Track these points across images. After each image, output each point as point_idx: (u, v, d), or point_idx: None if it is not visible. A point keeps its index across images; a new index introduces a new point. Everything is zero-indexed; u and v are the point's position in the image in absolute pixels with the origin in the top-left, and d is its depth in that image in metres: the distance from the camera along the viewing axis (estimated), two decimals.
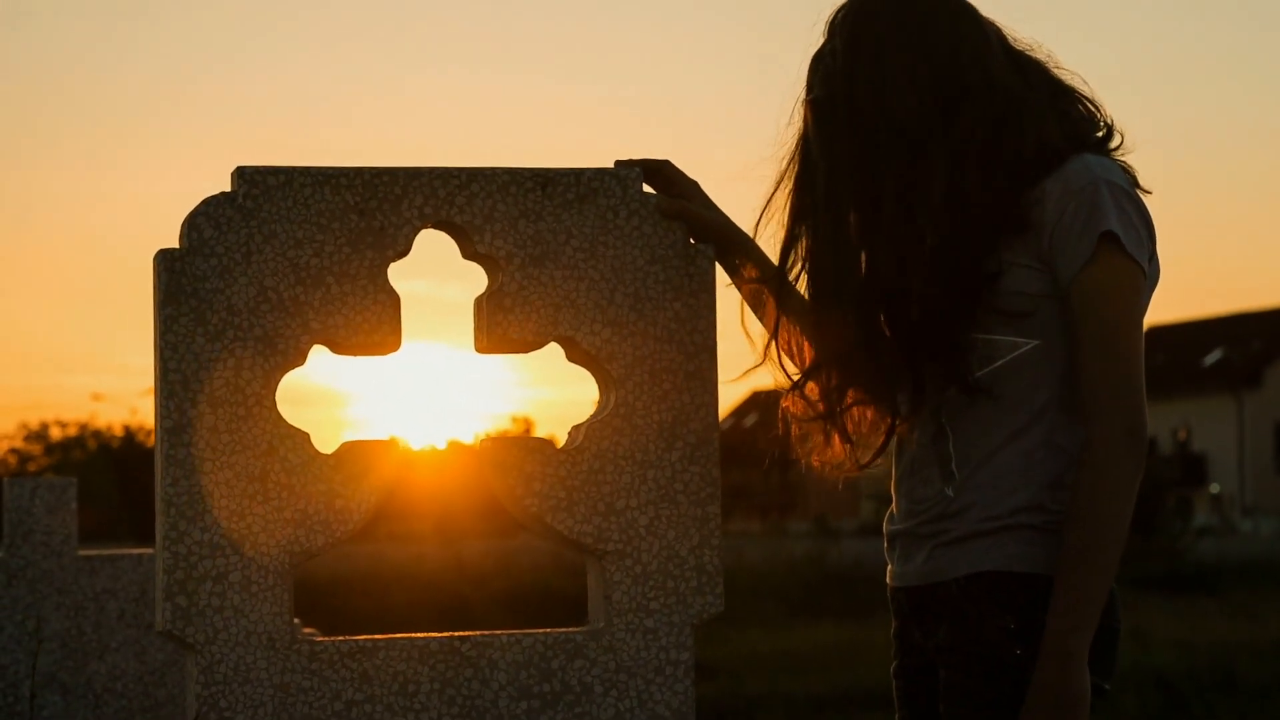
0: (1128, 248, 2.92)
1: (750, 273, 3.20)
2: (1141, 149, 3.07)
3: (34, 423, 61.23)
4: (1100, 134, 3.03)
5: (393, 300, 3.09)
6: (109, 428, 55.68)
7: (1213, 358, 63.60)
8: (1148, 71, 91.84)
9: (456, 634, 3.11)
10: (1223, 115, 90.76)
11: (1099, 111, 3.05)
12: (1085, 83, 3.06)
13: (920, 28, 2.99)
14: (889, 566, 3.12)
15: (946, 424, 3.01)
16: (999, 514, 2.96)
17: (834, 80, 3.01)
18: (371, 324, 3.08)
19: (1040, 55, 3.07)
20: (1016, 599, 2.94)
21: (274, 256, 3.05)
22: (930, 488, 3.03)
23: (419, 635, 3.10)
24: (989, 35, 3.03)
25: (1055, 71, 3.06)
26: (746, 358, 3.18)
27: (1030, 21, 3.02)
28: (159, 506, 3.02)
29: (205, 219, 3.04)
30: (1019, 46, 3.06)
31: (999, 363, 2.97)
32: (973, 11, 3.04)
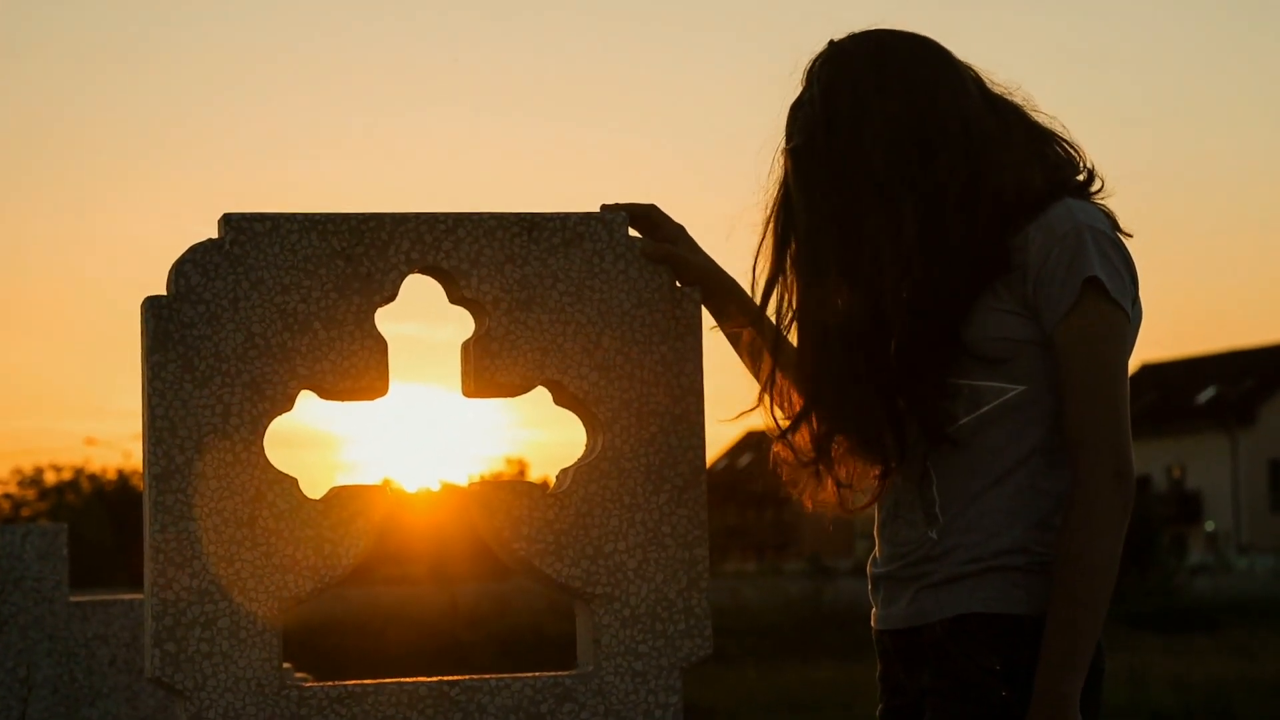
0: (1112, 293, 2.93)
1: (736, 316, 3.21)
2: (1134, 186, 3.08)
3: (28, 468, 61.17)
4: (1081, 178, 3.04)
5: (380, 345, 3.09)
6: (103, 472, 55.64)
7: (1206, 395, 63.61)
8: (1139, 110, 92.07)
9: (445, 678, 3.10)
10: (1215, 153, 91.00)
11: (1079, 154, 3.06)
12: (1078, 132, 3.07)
13: (897, 74, 3.00)
14: (873, 609, 3.12)
15: (931, 467, 3.01)
16: (983, 556, 2.96)
17: (812, 128, 3.02)
18: (359, 369, 3.08)
19: (1018, 98, 3.07)
20: (1001, 640, 2.94)
21: (261, 302, 3.06)
22: (914, 530, 3.03)
23: (407, 680, 3.09)
24: (965, 80, 3.03)
25: (1033, 115, 3.07)
26: (734, 397, 3.18)
27: (1021, 56, 3.04)
28: (147, 553, 3.02)
29: (192, 266, 3.04)
30: (996, 90, 3.06)
31: (985, 409, 2.97)
32: (949, 56, 3.05)
